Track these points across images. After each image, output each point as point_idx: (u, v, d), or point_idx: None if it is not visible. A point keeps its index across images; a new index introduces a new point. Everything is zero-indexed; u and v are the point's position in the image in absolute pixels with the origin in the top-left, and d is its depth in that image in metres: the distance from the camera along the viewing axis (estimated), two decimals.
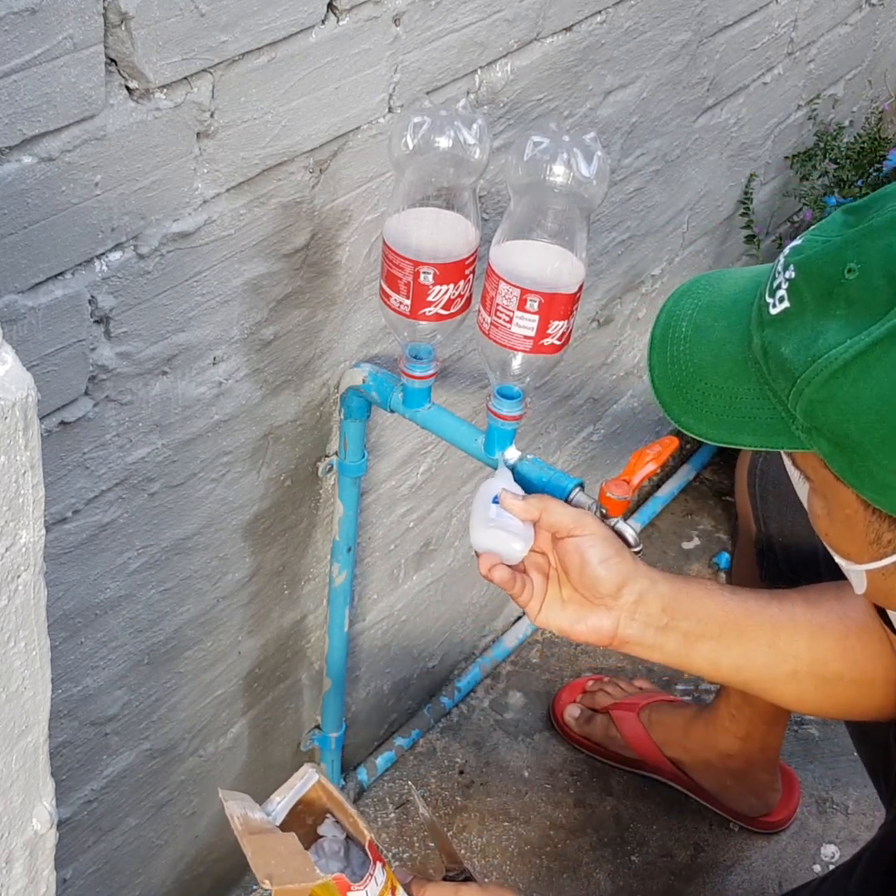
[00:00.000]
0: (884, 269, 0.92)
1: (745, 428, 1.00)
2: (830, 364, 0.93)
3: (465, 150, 1.32)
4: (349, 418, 1.55)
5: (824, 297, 0.94)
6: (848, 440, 0.94)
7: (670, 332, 1.07)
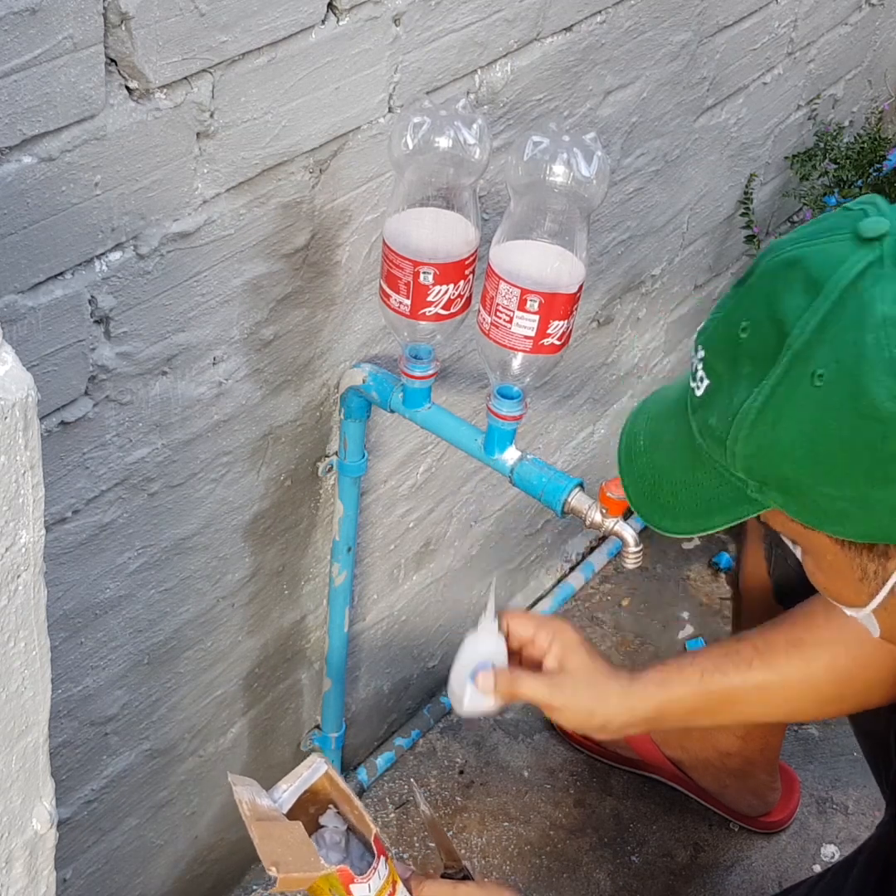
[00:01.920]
0: (768, 317, 0.96)
1: (714, 510, 1.03)
2: (746, 417, 0.96)
3: (465, 150, 1.32)
4: (349, 418, 1.55)
5: (732, 363, 0.98)
6: (788, 482, 0.97)
7: (631, 450, 1.11)
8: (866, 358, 0.91)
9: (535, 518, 2.19)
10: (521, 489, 1.44)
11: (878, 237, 0.93)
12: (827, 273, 0.93)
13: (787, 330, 0.94)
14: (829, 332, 0.93)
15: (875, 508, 0.95)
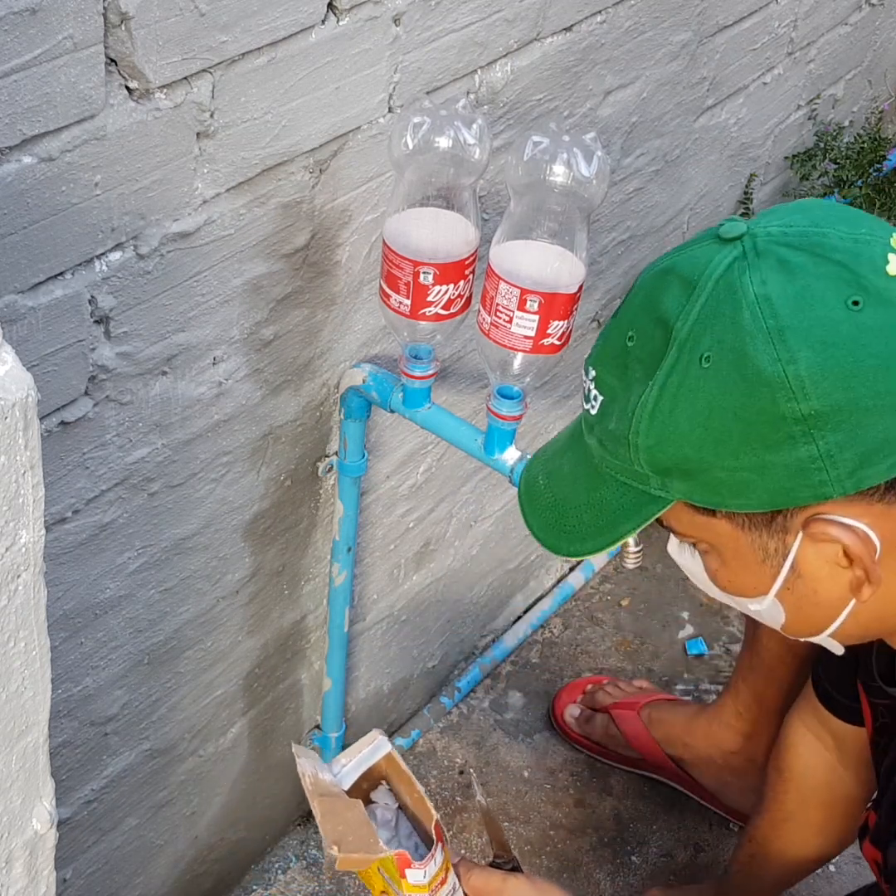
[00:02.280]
0: (651, 320, 1.03)
1: (619, 519, 1.10)
2: (644, 410, 1.03)
3: (465, 150, 1.32)
4: (349, 418, 1.55)
5: (622, 372, 1.05)
6: (690, 462, 1.02)
7: (531, 490, 1.17)
8: (746, 331, 0.98)
9: None
10: None
11: (738, 237, 1.02)
12: (699, 271, 1.02)
13: (671, 325, 1.01)
14: (710, 319, 1.00)
15: (773, 471, 1.00)
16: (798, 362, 0.97)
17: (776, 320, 0.98)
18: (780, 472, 1.00)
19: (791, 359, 0.97)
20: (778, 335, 0.98)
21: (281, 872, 1.91)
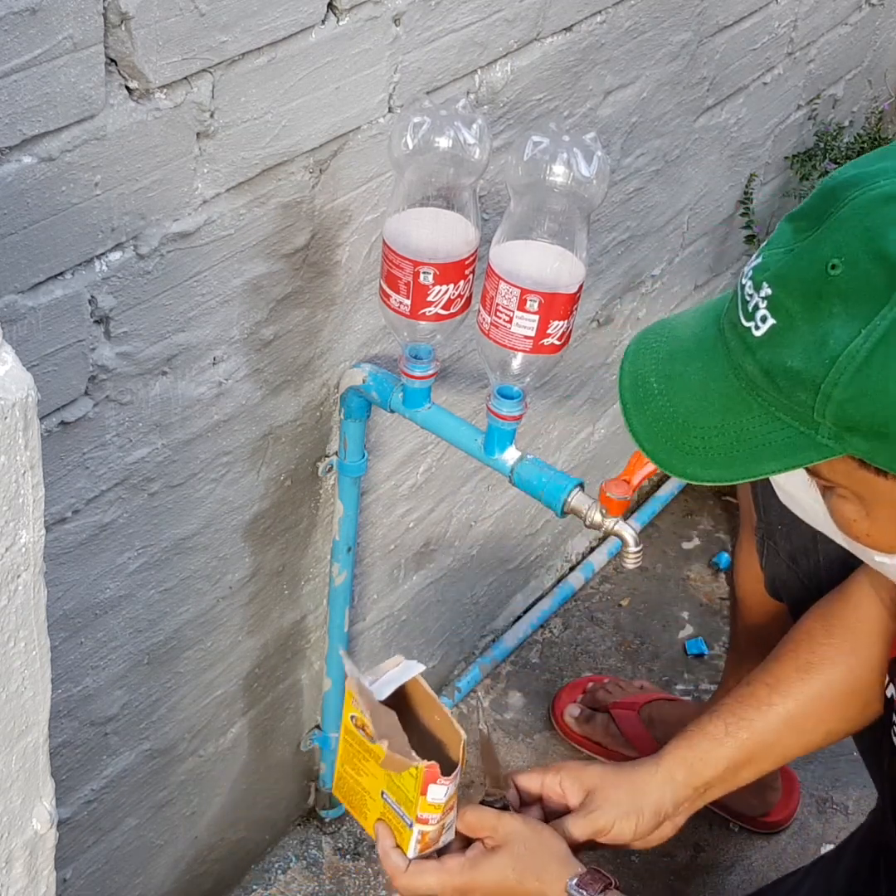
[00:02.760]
0: (869, 253, 0.91)
1: (762, 456, 0.97)
2: (853, 359, 0.91)
3: (465, 150, 1.32)
4: (349, 418, 1.55)
5: (814, 301, 0.93)
6: (888, 427, 0.92)
7: (640, 391, 1.04)
8: None
9: (535, 518, 2.19)
10: (521, 489, 1.44)
11: None
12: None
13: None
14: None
15: None
16: None
17: None
18: None
19: None
20: None
21: (281, 872, 1.91)
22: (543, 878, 1.30)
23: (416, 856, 1.32)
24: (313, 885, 1.90)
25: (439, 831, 1.32)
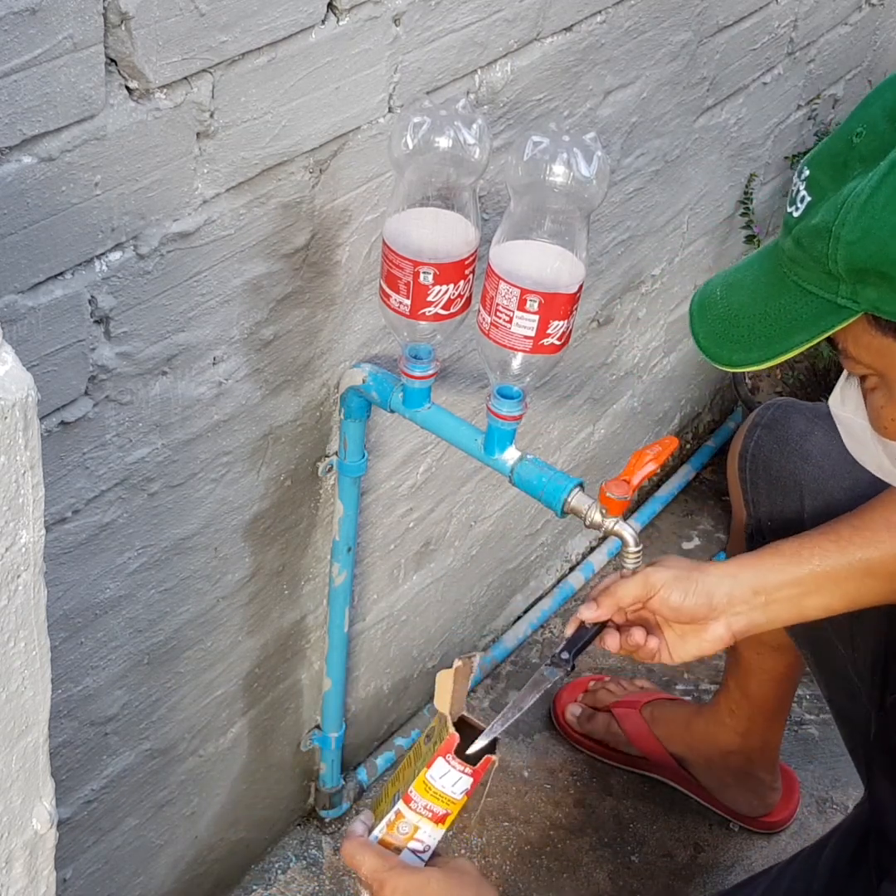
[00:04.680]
0: (885, 117, 0.99)
1: (794, 330, 1.06)
2: (857, 199, 0.98)
3: (465, 150, 1.32)
4: (349, 418, 1.55)
5: (840, 170, 1.01)
6: (892, 265, 0.98)
7: (706, 300, 1.14)
8: None
9: (535, 518, 2.19)
10: (521, 489, 1.44)
11: None
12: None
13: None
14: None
15: None
16: None
17: None
18: None
19: None
20: None
21: (281, 872, 1.91)
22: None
23: (377, 836, 1.31)
24: (313, 885, 1.90)
25: (410, 833, 1.31)
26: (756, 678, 1.87)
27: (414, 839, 1.31)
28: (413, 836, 1.31)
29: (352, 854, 1.31)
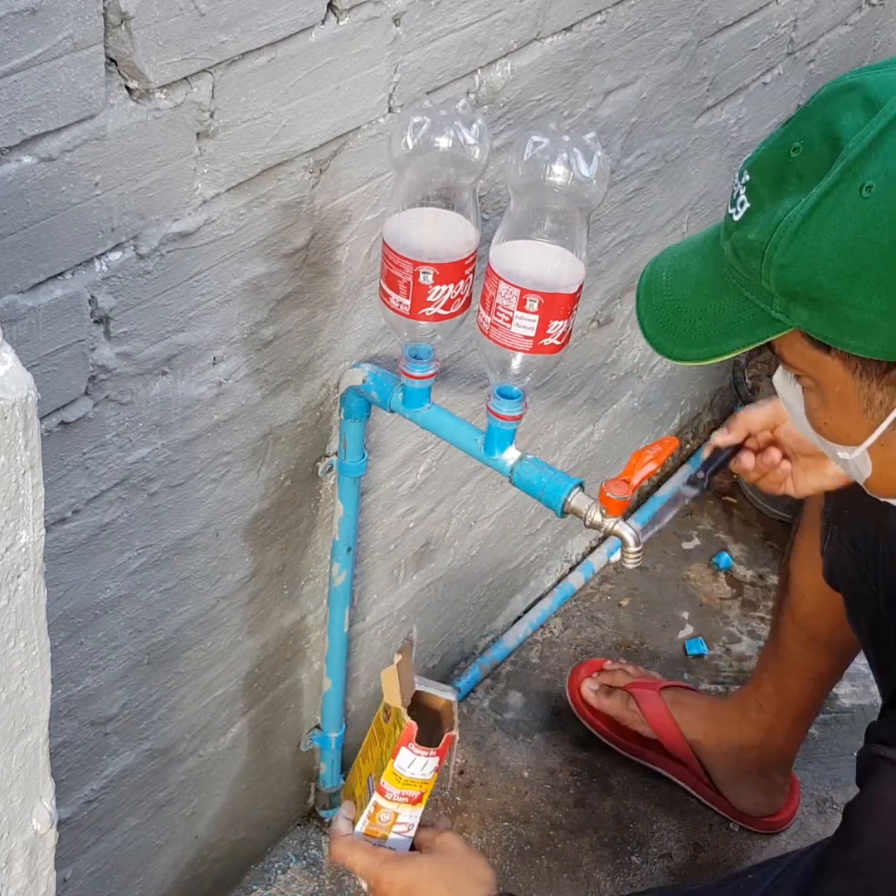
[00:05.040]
0: (822, 135, 1.00)
1: (731, 333, 1.07)
2: (790, 224, 1.00)
3: (464, 150, 1.32)
4: (349, 418, 1.55)
5: (777, 182, 1.02)
6: (821, 292, 1.00)
7: (652, 284, 1.15)
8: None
9: (535, 518, 2.19)
10: (520, 489, 1.44)
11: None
12: (887, 94, 0.98)
13: (842, 144, 0.97)
14: (884, 147, 0.96)
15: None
16: None
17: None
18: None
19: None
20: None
21: (281, 872, 1.91)
22: (455, 891, 1.34)
23: (361, 831, 1.36)
24: (313, 885, 1.90)
25: (392, 820, 1.35)
26: (796, 675, 1.86)
27: (396, 824, 1.36)
28: (395, 822, 1.35)
29: (342, 855, 1.35)
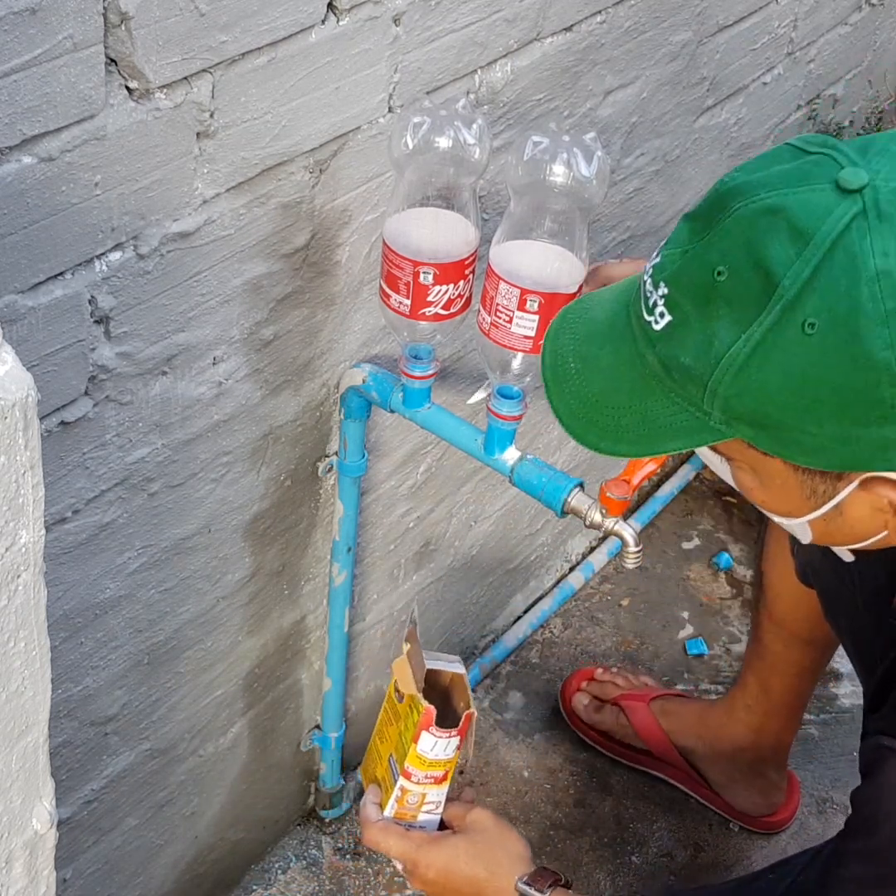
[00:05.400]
0: (749, 262, 0.98)
1: (665, 436, 1.05)
2: (734, 362, 0.98)
3: (464, 150, 1.32)
4: (349, 418, 1.55)
5: (703, 303, 1.00)
6: (769, 420, 1.00)
7: (560, 370, 1.11)
8: (862, 310, 0.94)
9: (535, 518, 2.19)
10: (520, 489, 1.44)
11: (858, 189, 0.96)
12: (814, 224, 0.96)
13: (777, 280, 0.96)
14: (821, 283, 0.95)
15: (855, 444, 0.98)
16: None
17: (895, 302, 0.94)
18: (862, 446, 0.98)
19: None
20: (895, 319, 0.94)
21: (281, 872, 1.91)
22: (493, 870, 1.36)
23: (391, 815, 1.38)
24: (313, 885, 1.90)
25: (419, 801, 1.37)
26: (780, 673, 1.87)
27: (424, 804, 1.38)
28: (423, 802, 1.38)
29: (377, 841, 1.38)
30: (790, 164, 1.00)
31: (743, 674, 1.94)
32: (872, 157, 0.98)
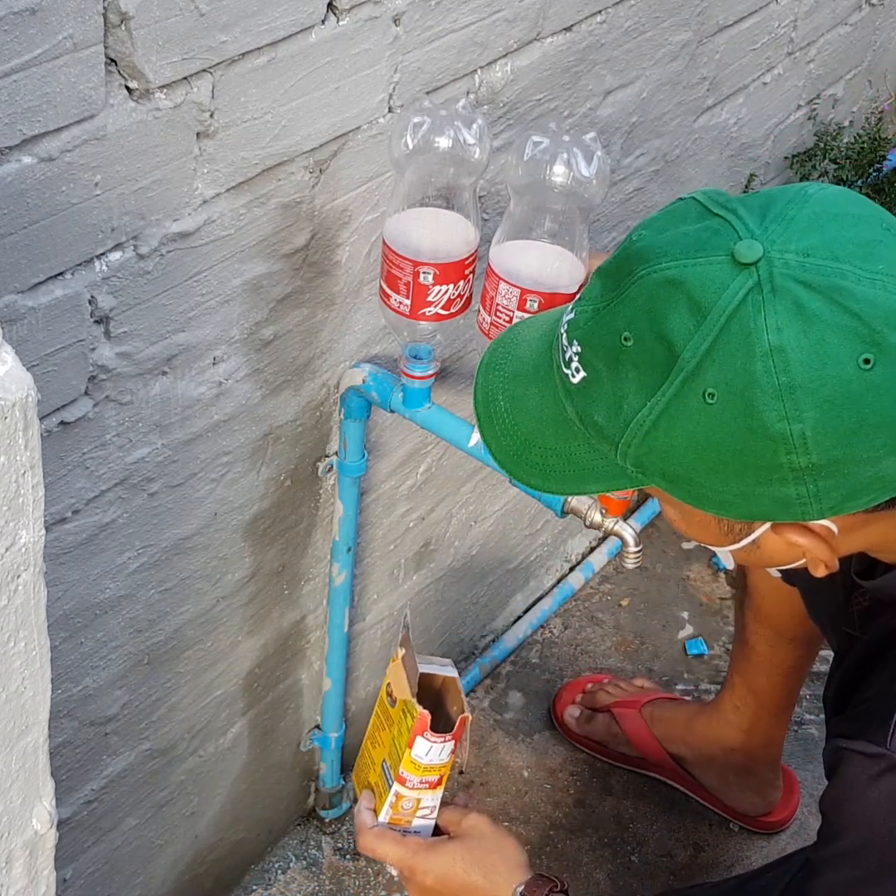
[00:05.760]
0: (652, 332, 1.01)
1: (588, 478, 1.10)
2: (641, 426, 1.03)
3: (464, 150, 1.32)
4: (349, 418, 1.55)
5: (613, 364, 1.04)
6: (678, 477, 1.04)
7: (491, 407, 1.16)
8: (757, 384, 0.98)
9: (535, 518, 2.19)
10: (521, 489, 1.44)
11: (754, 262, 0.98)
12: (710, 298, 0.99)
13: (678, 352, 1.00)
14: (719, 357, 0.99)
15: (759, 500, 1.03)
16: (804, 421, 0.98)
17: (788, 377, 0.97)
18: (765, 502, 1.03)
19: (798, 417, 0.97)
20: (789, 393, 0.97)
21: (281, 872, 1.91)
22: (491, 878, 1.37)
23: (385, 821, 1.38)
24: (313, 885, 1.90)
25: (414, 806, 1.36)
26: (766, 672, 1.87)
27: (419, 809, 1.37)
28: (417, 807, 1.37)
29: (373, 847, 1.38)
30: (693, 225, 1.03)
31: (730, 676, 1.94)
32: (770, 223, 1.00)
